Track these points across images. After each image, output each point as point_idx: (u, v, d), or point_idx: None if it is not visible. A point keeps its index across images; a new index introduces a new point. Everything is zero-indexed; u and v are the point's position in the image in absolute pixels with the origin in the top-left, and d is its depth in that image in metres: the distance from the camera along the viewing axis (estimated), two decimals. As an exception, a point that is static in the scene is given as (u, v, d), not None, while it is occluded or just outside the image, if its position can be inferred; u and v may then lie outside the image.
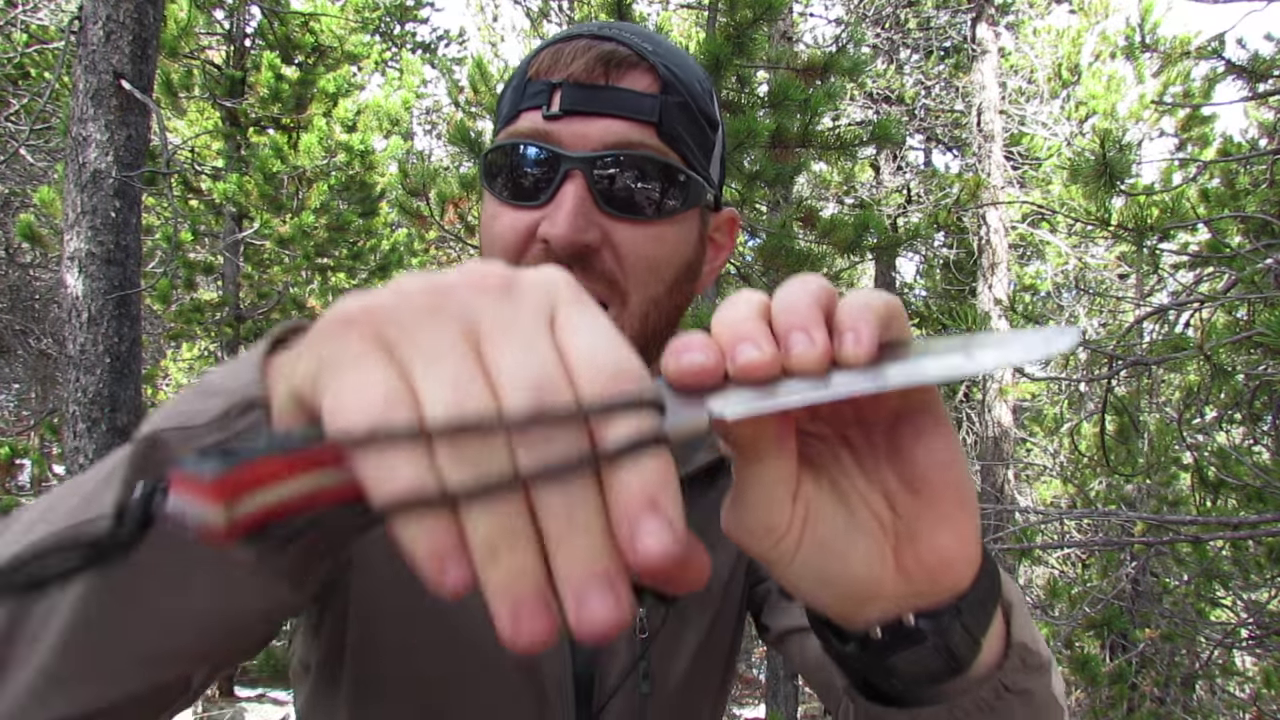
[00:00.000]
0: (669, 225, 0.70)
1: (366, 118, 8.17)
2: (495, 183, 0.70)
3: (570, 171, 0.66)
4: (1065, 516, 5.34)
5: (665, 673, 0.77)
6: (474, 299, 0.31)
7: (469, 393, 0.28)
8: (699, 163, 0.72)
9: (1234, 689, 5.91)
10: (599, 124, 0.66)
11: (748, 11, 4.15)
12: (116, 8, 3.46)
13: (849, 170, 9.93)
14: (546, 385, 0.29)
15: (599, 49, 0.67)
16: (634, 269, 0.68)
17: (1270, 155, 4.20)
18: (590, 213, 0.66)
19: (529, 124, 0.68)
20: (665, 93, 0.68)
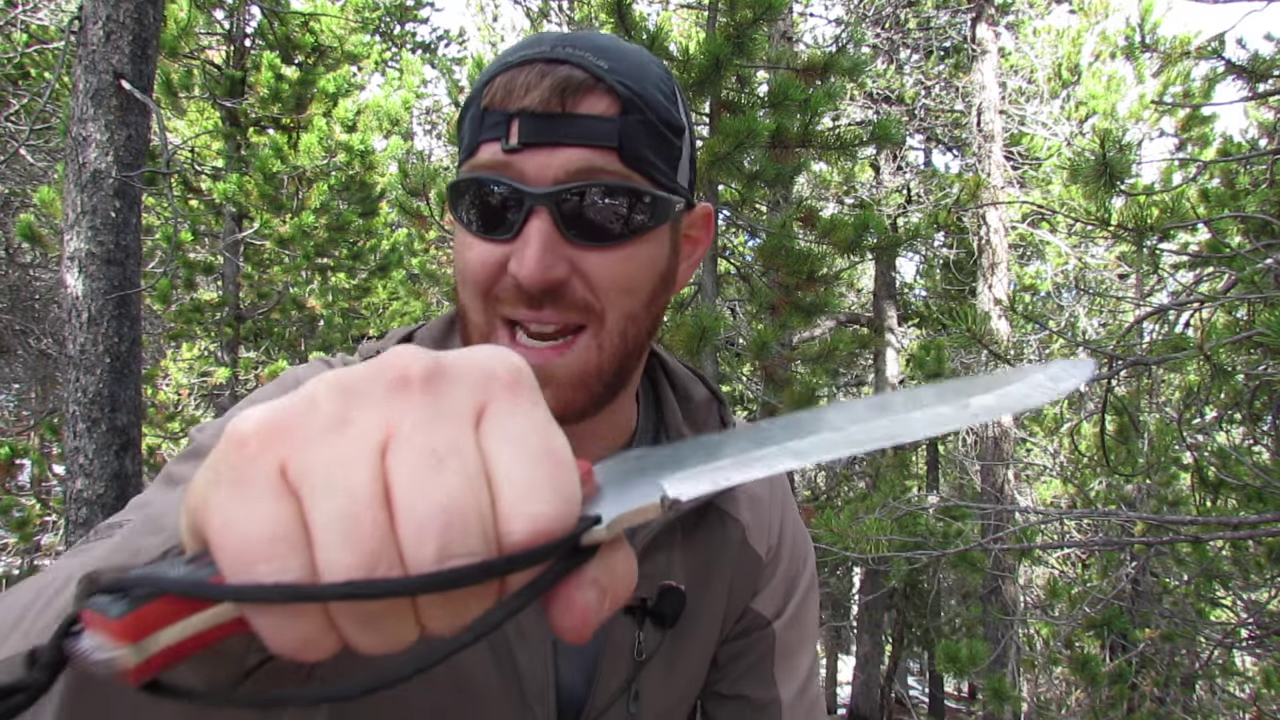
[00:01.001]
0: (638, 245, 0.70)
1: (366, 118, 8.17)
2: (462, 214, 0.70)
3: (534, 208, 0.66)
4: (1065, 516, 5.34)
5: (653, 696, 0.79)
6: (390, 401, 0.29)
7: (361, 535, 0.27)
8: (665, 176, 0.71)
9: (1234, 689, 5.91)
10: (559, 154, 0.66)
11: (748, 11, 4.15)
12: (116, 8, 3.46)
13: (849, 170, 9.93)
14: (454, 525, 0.27)
15: (554, 75, 0.66)
16: (607, 293, 0.69)
17: (1270, 155, 4.20)
18: (557, 247, 0.66)
19: (489, 156, 0.67)
20: (625, 112, 0.67)
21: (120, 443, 3.51)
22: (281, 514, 0.27)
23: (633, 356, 0.73)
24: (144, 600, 0.28)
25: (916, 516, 4.05)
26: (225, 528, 0.28)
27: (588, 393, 0.70)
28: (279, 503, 0.28)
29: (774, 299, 4.97)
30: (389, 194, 8.60)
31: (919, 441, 0.38)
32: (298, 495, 0.28)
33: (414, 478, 0.28)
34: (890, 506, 3.86)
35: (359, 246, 8.52)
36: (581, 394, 0.70)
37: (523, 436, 0.30)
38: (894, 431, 0.36)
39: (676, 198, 0.73)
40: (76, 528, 3.44)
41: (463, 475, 0.28)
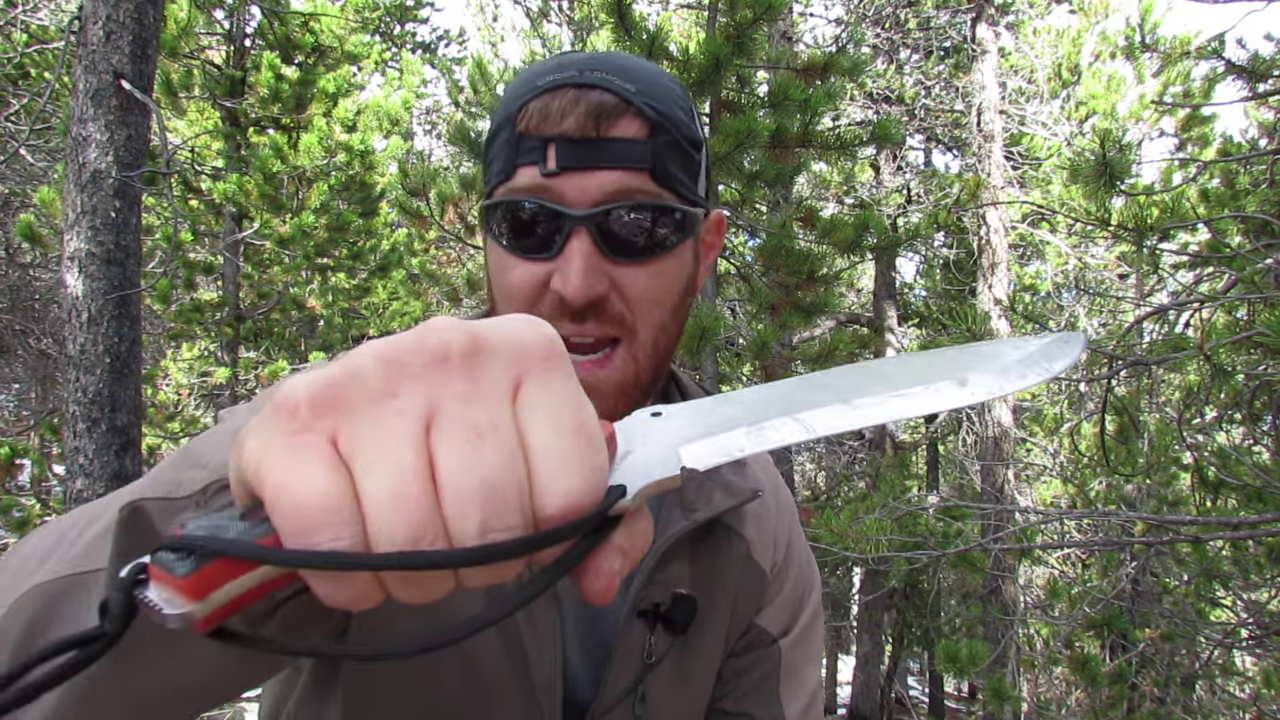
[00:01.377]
0: (669, 258, 0.74)
1: (366, 118, 8.17)
2: (500, 234, 0.73)
3: (575, 229, 0.69)
4: (1065, 516, 5.34)
5: (660, 701, 0.81)
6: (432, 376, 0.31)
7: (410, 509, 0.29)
8: (690, 191, 0.75)
9: (1234, 689, 5.91)
10: (596, 177, 0.69)
11: (748, 11, 4.15)
12: (116, 8, 3.46)
13: (849, 170, 9.93)
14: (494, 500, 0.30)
15: (587, 100, 0.69)
16: (640, 306, 0.73)
17: (1270, 155, 4.20)
18: (598, 264, 0.70)
19: (527, 180, 0.70)
20: (654, 134, 0.71)
21: (120, 443, 3.51)
22: (335, 485, 0.29)
23: (663, 362, 0.78)
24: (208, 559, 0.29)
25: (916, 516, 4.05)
26: (281, 492, 0.29)
27: (628, 401, 0.75)
28: (332, 473, 0.29)
29: (774, 299, 4.96)
30: (389, 194, 8.60)
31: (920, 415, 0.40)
32: (349, 467, 0.30)
33: (457, 455, 0.30)
34: (890, 506, 3.85)
35: (359, 246, 8.52)
36: (623, 403, 0.74)
37: (557, 411, 0.32)
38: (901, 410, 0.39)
39: (700, 210, 0.77)
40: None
41: (502, 452, 0.30)
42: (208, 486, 0.39)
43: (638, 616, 0.79)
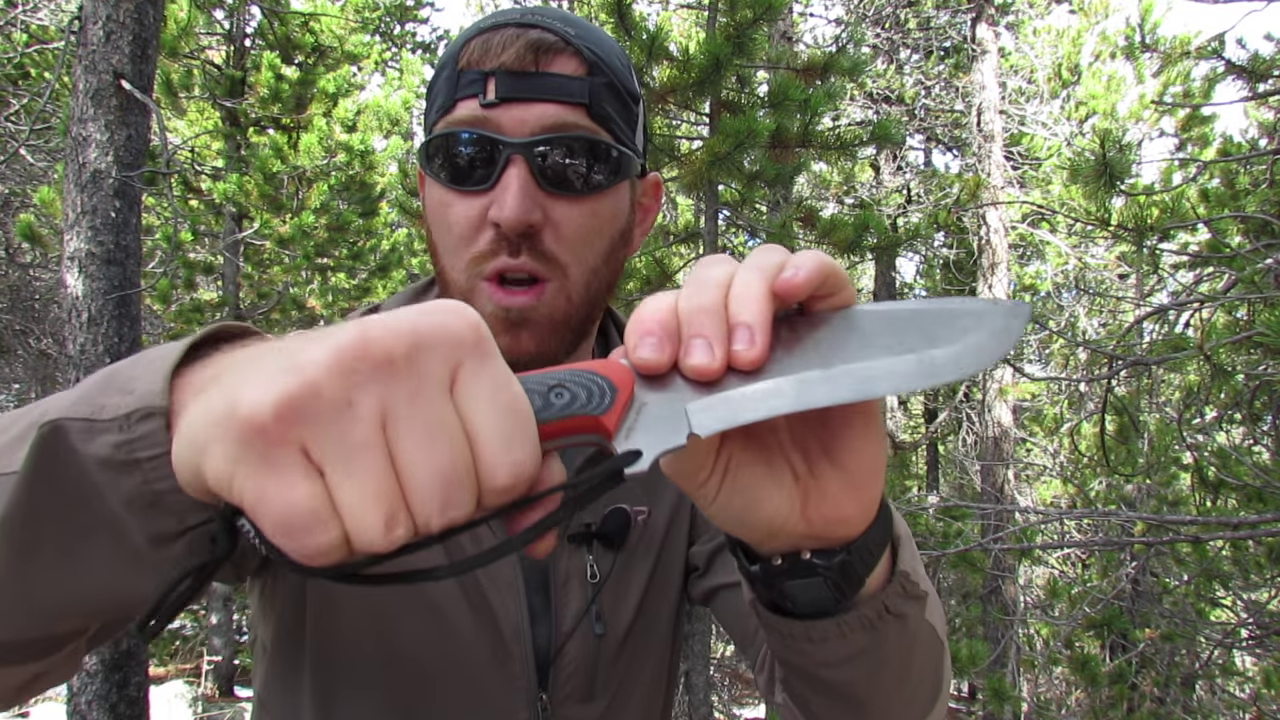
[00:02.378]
0: (603, 199, 0.75)
1: (366, 118, 8.17)
2: (438, 168, 0.74)
3: (512, 156, 0.70)
4: (1065, 516, 5.34)
5: (616, 614, 0.83)
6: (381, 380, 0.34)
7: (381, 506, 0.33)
8: (626, 137, 0.76)
9: (1234, 689, 5.91)
10: (534, 109, 0.70)
11: (748, 11, 4.15)
12: (116, 8, 3.46)
13: (849, 170, 9.93)
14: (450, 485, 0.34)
15: (527, 37, 0.71)
16: (572, 244, 0.74)
17: (1270, 155, 4.20)
18: (534, 194, 0.71)
19: (467, 112, 0.71)
20: (592, 74, 0.73)
21: (120, 443, 3.50)
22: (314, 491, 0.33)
23: (596, 307, 0.79)
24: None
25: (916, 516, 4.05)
26: (263, 503, 0.33)
27: (559, 337, 0.76)
28: (310, 482, 0.33)
29: (774, 299, 4.96)
30: (389, 194, 8.60)
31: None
32: (322, 472, 0.33)
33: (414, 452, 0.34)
34: (890, 506, 3.85)
35: (359, 246, 8.52)
36: (554, 338, 0.75)
37: (492, 394, 0.36)
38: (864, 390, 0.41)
39: (636, 158, 0.78)
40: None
41: (452, 443, 0.34)
42: (131, 413, 0.41)
43: (569, 541, 0.81)
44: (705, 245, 4.80)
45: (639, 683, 0.86)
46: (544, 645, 0.80)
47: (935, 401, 11.30)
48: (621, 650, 0.84)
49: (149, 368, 0.43)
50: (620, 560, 0.83)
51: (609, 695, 0.83)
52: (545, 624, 0.80)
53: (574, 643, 0.80)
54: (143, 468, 0.41)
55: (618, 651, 0.83)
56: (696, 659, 4.94)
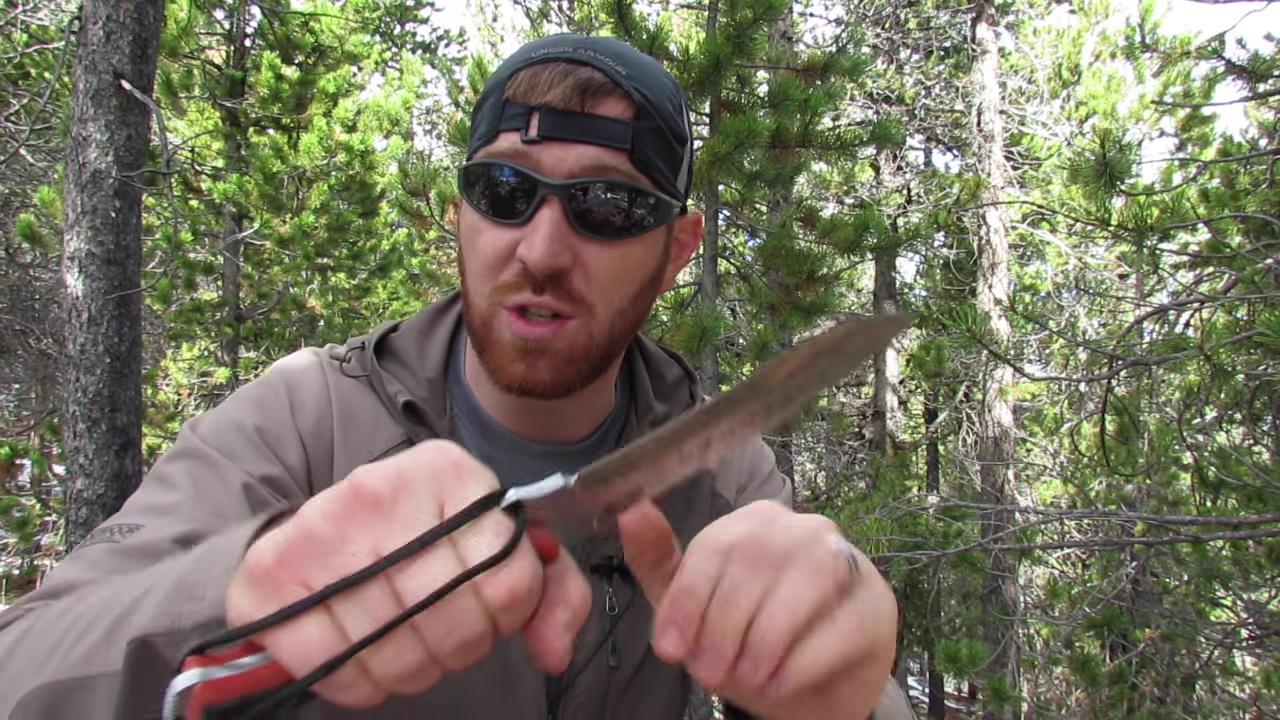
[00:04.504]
0: (636, 243, 0.75)
1: (366, 118, 8.16)
2: (474, 195, 0.74)
3: (547, 197, 0.70)
4: (1065, 516, 5.34)
5: (630, 648, 0.83)
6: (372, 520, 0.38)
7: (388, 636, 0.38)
8: (668, 181, 0.76)
9: (1234, 689, 5.91)
10: (575, 150, 0.70)
11: (748, 11, 4.15)
12: (116, 8, 3.46)
13: (849, 170, 9.92)
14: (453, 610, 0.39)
15: (576, 75, 0.70)
16: (601, 286, 0.73)
17: (1270, 155, 4.20)
18: (565, 236, 0.70)
19: (508, 145, 0.71)
20: (638, 118, 0.72)
21: (120, 443, 3.51)
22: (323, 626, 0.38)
23: (618, 345, 0.79)
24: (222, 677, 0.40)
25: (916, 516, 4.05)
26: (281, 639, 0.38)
27: (576, 370, 0.76)
28: (318, 618, 0.38)
29: (774, 299, 4.96)
30: (389, 194, 8.59)
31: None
32: (328, 605, 0.38)
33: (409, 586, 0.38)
34: (890, 506, 3.85)
35: (359, 246, 8.51)
36: (571, 370, 0.75)
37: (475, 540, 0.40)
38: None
39: (675, 202, 0.78)
40: (76, 528, 3.44)
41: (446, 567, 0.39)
42: (208, 622, 0.45)
43: (592, 572, 0.81)
44: (705, 245, 4.80)
45: (649, 714, 0.87)
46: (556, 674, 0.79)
47: (935, 402, 11.30)
48: (633, 683, 0.84)
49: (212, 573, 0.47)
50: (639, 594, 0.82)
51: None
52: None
53: (587, 674, 0.80)
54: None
55: (630, 684, 0.84)
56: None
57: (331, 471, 0.78)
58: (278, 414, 0.79)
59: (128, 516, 0.70)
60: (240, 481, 0.72)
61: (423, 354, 0.86)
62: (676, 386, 0.93)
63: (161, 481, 0.74)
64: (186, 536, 0.67)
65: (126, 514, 0.71)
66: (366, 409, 0.81)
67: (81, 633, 0.51)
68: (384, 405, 0.82)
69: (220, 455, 0.74)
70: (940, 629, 10.22)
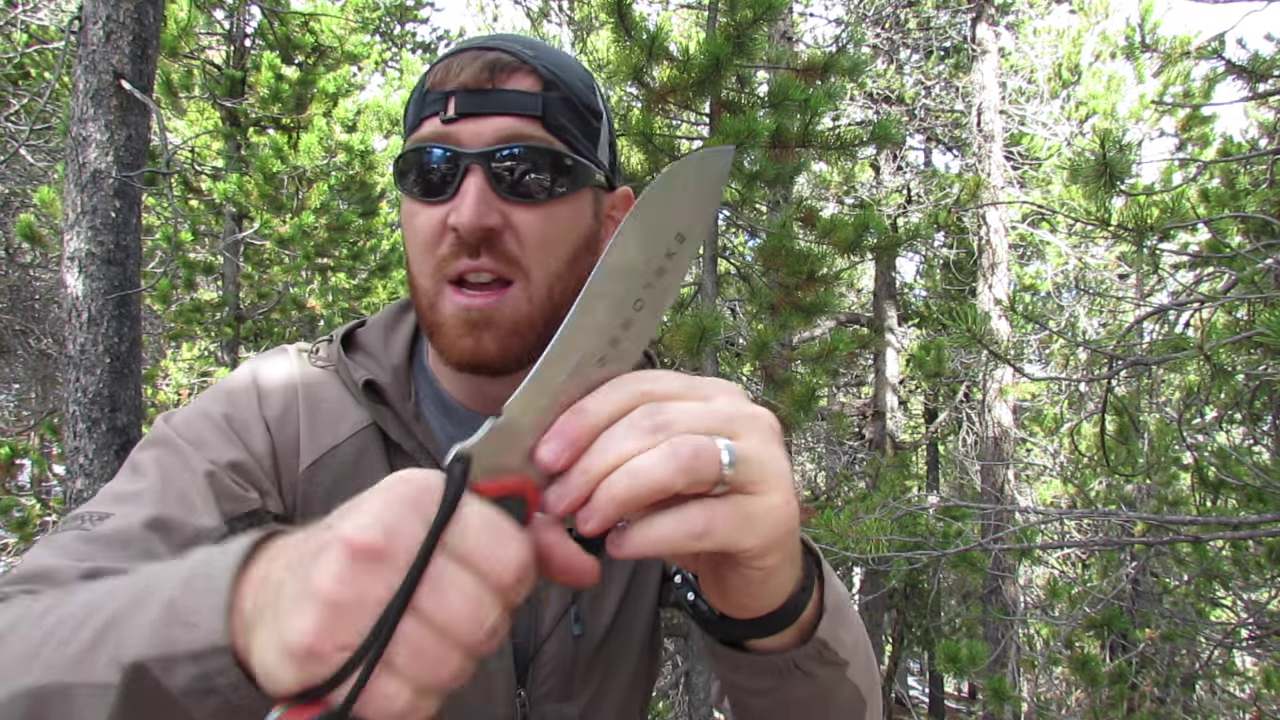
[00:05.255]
0: (561, 205, 0.78)
1: (366, 118, 8.16)
2: (407, 183, 0.79)
3: (470, 166, 0.75)
4: (1065, 516, 5.34)
5: (594, 616, 0.87)
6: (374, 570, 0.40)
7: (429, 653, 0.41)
8: (585, 148, 0.81)
9: (1234, 689, 5.91)
10: (491, 122, 0.75)
11: (748, 11, 4.15)
12: (116, 8, 3.46)
13: (849, 170, 9.92)
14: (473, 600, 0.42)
15: (484, 58, 0.76)
16: (532, 247, 0.77)
17: (1270, 155, 4.20)
18: (490, 200, 0.75)
19: (430, 129, 0.77)
20: (547, 89, 0.77)
21: (120, 443, 3.51)
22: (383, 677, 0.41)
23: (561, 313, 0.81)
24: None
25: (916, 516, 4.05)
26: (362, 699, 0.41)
27: (522, 340, 0.79)
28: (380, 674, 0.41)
29: (774, 299, 4.96)
30: (389, 194, 8.60)
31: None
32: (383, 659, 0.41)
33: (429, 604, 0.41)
34: (890, 506, 3.85)
35: (359, 246, 8.51)
36: (517, 341, 0.78)
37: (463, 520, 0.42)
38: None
39: (595, 168, 0.82)
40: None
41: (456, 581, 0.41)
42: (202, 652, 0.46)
43: None
44: (705, 245, 4.80)
45: (616, 682, 0.89)
46: (523, 644, 0.83)
47: (935, 402, 11.29)
48: (600, 651, 0.87)
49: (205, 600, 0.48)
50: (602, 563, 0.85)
51: (587, 694, 0.86)
52: (524, 623, 0.83)
53: (552, 642, 0.83)
54: (221, 691, 0.46)
55: (596, 652, 0.86)
56: (696, 659, 4.94)
57: (298, 455, 0.83)
58: (245, 402, 0.83)
59: (99, 504, 0.74)
60: (204, 469, 0.76)
61: (388, 344, 0.90)
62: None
63: (133, 469, 0.78)
64: (154, 521, 0.71)
65: (98, 501, 0.75)
66: (332, 396, 0.86)
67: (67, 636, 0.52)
68: (349, 392, 0.86)
69: (187, 444, 0.78)
70: (940, 629, 10.23)
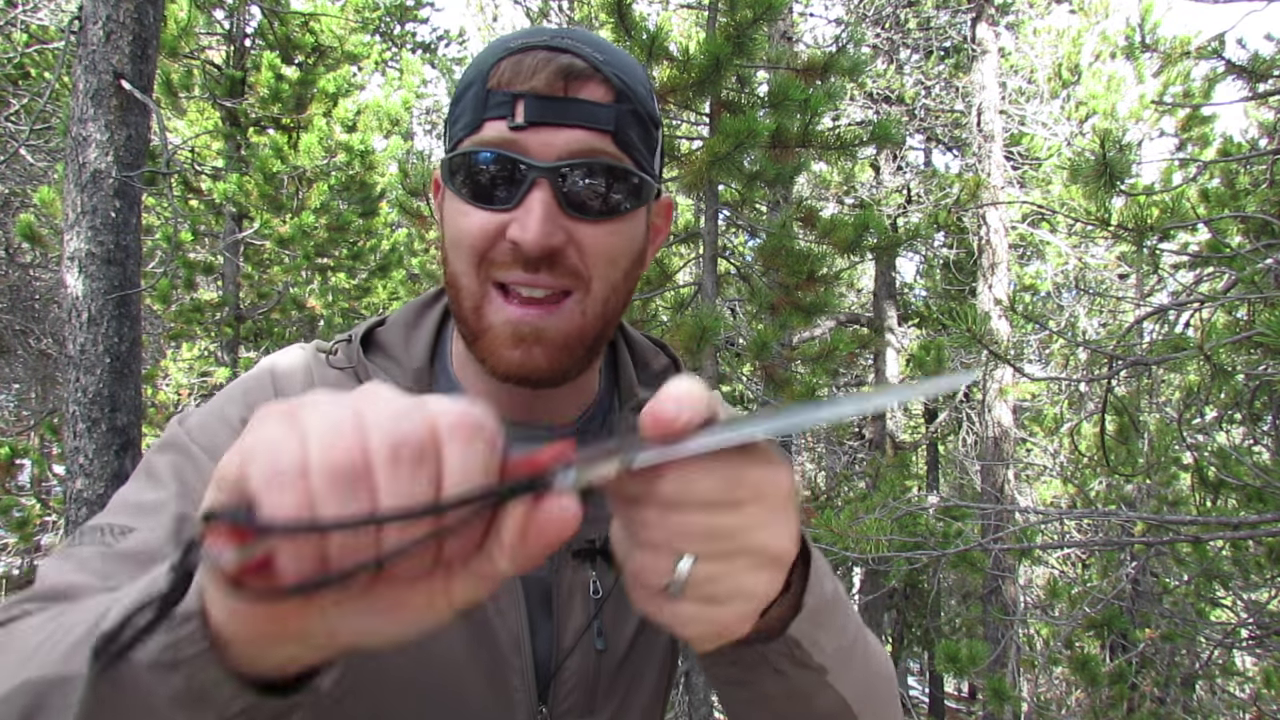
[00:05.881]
0: (624, 221, 0.76)
1: (366, 118, 8.16)
2: (460, 184, 0.75)
3: (538, 180, 0.71)
4: (1065, 516, 5.34)
5: (617, 630, 0.84)
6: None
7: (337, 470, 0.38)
8: (647, 163, 0.78)
9: (1234, 689, 5.91)
10: (562, 134, 0.72)
11: (748, 11, 4.15)
12: (116, 8, 3.46)
13: (849, 170, 9.92)
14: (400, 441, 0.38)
15: (558, 62, 0.72)
16: (596, 263, 0.75)
17: (1270, 155, 4.20)
18: (556, 217, 0.72)
19: (495, 133, 0.72)
20: (619, 102, 0.74)
21: (120, 443, 3.51)
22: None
23: (610, 324, 0.80)
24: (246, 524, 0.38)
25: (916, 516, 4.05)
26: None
27: (571, 354, 0.76)
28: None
29: (774, 299, 4.96)
30: (389, 194, 8.59)
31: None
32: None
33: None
34: (890, 506, 3.85)
35: (359, 246, 8.51)
36: (566, 355, 0.76)
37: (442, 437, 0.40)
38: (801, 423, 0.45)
39: (655, 183, 0.80)
40: (76, 528, 3.44)
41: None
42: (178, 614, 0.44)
43: (573, 557, 0.80)
44: (705, 245, 4.80)
45: (638, 696, 0.87)
46: (545, 659, 0.80)
47: (935, 402, 11.29)
48: (623, 666, 0.84)
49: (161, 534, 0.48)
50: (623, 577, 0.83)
51: (610, 709, 0.83)
52: (545, 638, 0.81)
53: (575, 658, 0.81)
54: (189, 664, 0.44)
55: (619, 667, 0.84)
56: (696, 659, 4.93)
57: None
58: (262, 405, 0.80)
59: (118, 515, 0.71)
60: None
61: (409, 346, 0.87)
62: (662, 375, 0.94)
63: (149, 475, 0.75)
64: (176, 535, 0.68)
65: (118, 511, 0.72)
66: None
67: (65, 633, 0.52)
68: None
69: (202, 450, 0.75)
70: (940, 629, 10.23)
